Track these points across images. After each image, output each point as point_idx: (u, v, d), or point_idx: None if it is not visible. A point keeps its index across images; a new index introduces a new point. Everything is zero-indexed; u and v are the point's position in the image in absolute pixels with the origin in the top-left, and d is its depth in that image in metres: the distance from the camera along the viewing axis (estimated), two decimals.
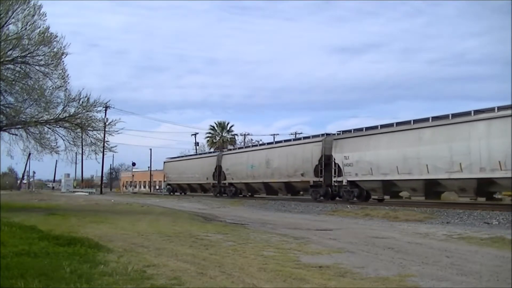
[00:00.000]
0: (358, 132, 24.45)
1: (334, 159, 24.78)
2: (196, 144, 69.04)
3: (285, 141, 31.99)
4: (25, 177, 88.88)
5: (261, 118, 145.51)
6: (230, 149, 40.53)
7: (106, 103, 21.71)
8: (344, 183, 24.36)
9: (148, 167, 76.10)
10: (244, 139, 66.70)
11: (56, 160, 55.80)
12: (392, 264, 7.09)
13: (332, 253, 8.07)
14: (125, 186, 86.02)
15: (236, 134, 68.42)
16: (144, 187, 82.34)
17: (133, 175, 74.21)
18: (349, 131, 25.31)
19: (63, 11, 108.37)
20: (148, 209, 22.99)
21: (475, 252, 8.44)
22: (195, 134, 69.50)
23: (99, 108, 20.88)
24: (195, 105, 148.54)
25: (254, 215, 19.54)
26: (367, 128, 23.89)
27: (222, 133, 67.82)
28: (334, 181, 24.96)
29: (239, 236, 10.45)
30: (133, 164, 67.48)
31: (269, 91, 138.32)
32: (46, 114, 19.99)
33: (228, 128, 68.25)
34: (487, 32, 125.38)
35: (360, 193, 23.99)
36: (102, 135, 22.51)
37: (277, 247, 8.65)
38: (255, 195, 35.24)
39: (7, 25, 18.45)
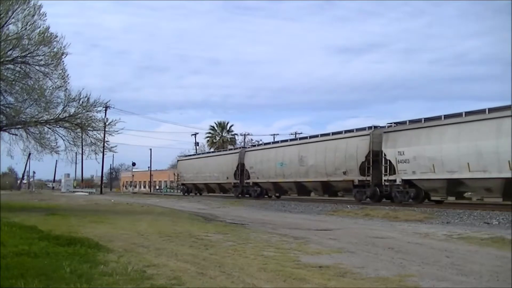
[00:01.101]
0: (416, 123, 21.45)
1: (385, 155, 22.00)
2: (196, 144, 69.09)
3: (323, 135, 28.00)
4: (25, 177, 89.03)
5: (261, 118, 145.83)
6: (254, 145, 37.32)
7: (106, 103, 21.75)
8: (397, 182, 21.51)
9: (148, 167, 76.29)
10: (244, 139, 66.77)
11: (56, 160, 55.95)
12: (392, 264, 7.08)
13: (332, 253, 8.07)
14: (125, 186, 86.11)
15: (236, 134, 68.48)
16: (144, 187, 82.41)
17: (133, 175, 74.23)
18: (403, 122, 22.29)
19: (65, 12, 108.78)
20: (148, 209, 22.99)
21: (475, 252, 8.44)
22: (195, 134, 69.60)
23: (99, 108, 20.90)
24: (196, 105, 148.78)
25: (254, 215, 19.53)
26: (427, 119, 20.84)
27: (222, 133, 67.84)
28: (384, 180, 22.14)
29: (239, 236, 10.45)
30: (133, 164, 67.59)
31: (270, 91, 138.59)
32: (46, 114, 20.00)
33: (228, 128, 68.29)
34: (488, 32, 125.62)
35: (417, 194, 21.18)
36: (102, 135, 22.51)
37: (277, 247, 8.65)
38: (283, 196, 32.01)
39: (7, 25, 18.45)
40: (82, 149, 22.96)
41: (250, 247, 8.63)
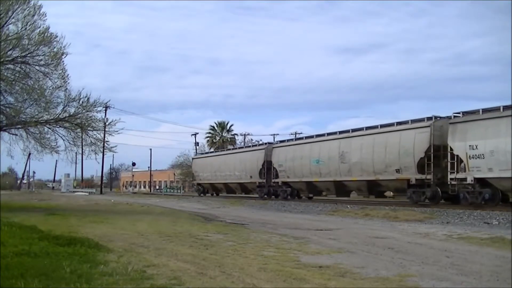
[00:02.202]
0: (492, 112, 18.17)
1: (452, 149, 18.96)
2: (196, 144, 69.04)
3: (369, 128, 24.43)
4: (25, 177, 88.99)
5: (261, 118, 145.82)
6: (283, 141, 32.82)
7: (106, 103, 21.80)
8: (468, 181, 18.47)
9: (148, 167, 76.29)
10: (244, 139, 66.72)
11: (56, 160, 55.71)
12: (392, 264, 7.08)
13: (332, 253, 8.07)
14: (125, 186, 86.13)
15: (236, 134, 68.43)
16: (144, 187, 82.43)
17: (133, 175, 74.27)
18: (475, 112, 18.99)
19: (66, 12, 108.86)
20: (148, 209, 22.99)
21: (475, 252, 8.44)
22: (195, 134, 69.49)
23: (99, 108, 20.95)
24: (197, 105, 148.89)
25: (254, 215, 19.53)
26: (506, 107, 17.59)
27: (222, 133, 67.81)
28: (451, 179, 19.05)
29: (239, 236, 10.45)
30: (133, 164, 67.61)
31: (270, 91, 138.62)
32: (46, 114, 20.03)
33: (228, 128, 68.26)
34: (489, 32, 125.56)
35: (493, 195, 17.99)
36: (102, 135, 22.52)
37: (277, 247, 8.65)
38: (316, 197, 29.17)
39: (7, 25, 18.47)
40: (82, 149, 23.00)
41: (250, 247, 8.63)
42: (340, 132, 26.11)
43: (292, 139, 32.93)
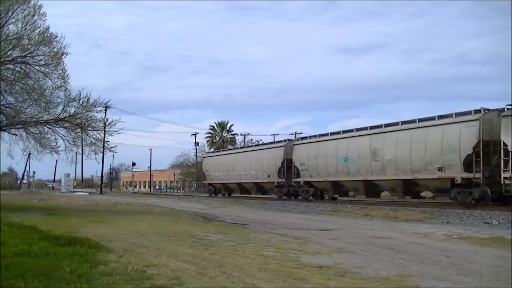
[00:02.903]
0: None
1: (505, 145, 17.01)
2: (196, 144, 69.02)
3: (404, 122, 22.33)
4: (25, 177, 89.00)
5: (262, 118, 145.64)
6: (305, 138, 30.65)
7: (106, 103, 21.80)
8: None
9: (148, 167, 76.31)
10: (244, 139, 66.73)
11: (56, 160, 55.81)
12: (392, 264, 7.09)
13: (332, 253, 8.07)
14: (125, 186, 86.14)
15: (236, 134, 68.43)
16: (144, 187, 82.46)
17: (133, 175, 74.28)
18: None
19: (68, 12, 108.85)
20: (148, 209, 22.99)
21: (475, 252, 8.45)
22: (195, 134, 69.42)
23: (99, 108, 20.94)
24: (198, 105, 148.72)
25: (254, 215, 19.54)
26: None
27: (222, 133, 67.81)
28: (504, 178, 17.05)
29: (239, 236, 10.45)
30: (133, 164, 67.57)
31: (271, 91, 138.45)
32: (46, 114, 20.02)
33: (228, 128, 68.27)
34: (490, 32, 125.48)
35: None
36: (102, 135, 22.53)
37: (277, 247, 8.65)
38: (341, 198, 27.06)
39: (7, 25, 18.46)
40: (82, 149, 23.03)
41: (250, 247, 8.64)
42: (371, 127, 24.16)
43: (315, 136, 28.93)
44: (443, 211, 17.14)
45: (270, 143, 36.38)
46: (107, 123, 23.03)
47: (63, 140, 20.70)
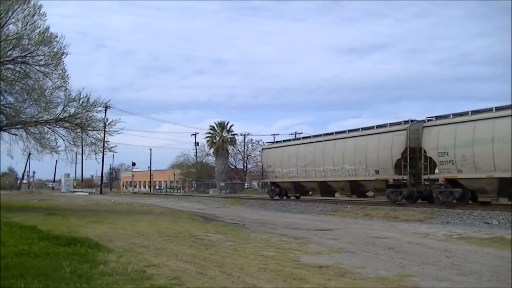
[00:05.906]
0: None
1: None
2: (196, 144, 68.98)
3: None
4: (25, 177, 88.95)
5: (262, 118, 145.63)
6: (442, 116, 20.37)
7: (106, 103, 21.79)
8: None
9: (148, 167, 76.29)
10: (244, 139, 66.62)
11: (56, 160, 55.48)
12: (392, 264, 7.09)
13: (332, 253, 8.07)
14: (125, 186, 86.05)
15: (236, 134, 68.32)
16: (144, 187, 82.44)
17: (133, 175, 74.26)
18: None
19: (71, 12, 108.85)
20: (148, 209, 23.00)
21: (475, 252, 8.45)
22: (195, 134, 69.38)
23: (99, 108, 20.94)
24: (200, 105, 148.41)
25: (254, 215, 19.54)
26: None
27: (222, 133, 67.73)
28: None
29: (239, 236, 10.45)
30: (133, 164, 67.57)
31: (273, 91, 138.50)
32: (46, 114, 20.02)
33: (228, 128, 68.17)
34: (493, 33, 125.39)
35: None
36: (102, 135, 22.53)
37: (277, 247, 8.65)
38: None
39: (7, 25, 18.45)
40: (82, 149, 23.01)
41: (250, 247, 8.63)
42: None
43: (448, 116, 19.87)
44: (443, 211, 17.15)
45: (381, 126, 23.51)
46: (107, 123, 23.06)
47: (63, 140, 20.72)
